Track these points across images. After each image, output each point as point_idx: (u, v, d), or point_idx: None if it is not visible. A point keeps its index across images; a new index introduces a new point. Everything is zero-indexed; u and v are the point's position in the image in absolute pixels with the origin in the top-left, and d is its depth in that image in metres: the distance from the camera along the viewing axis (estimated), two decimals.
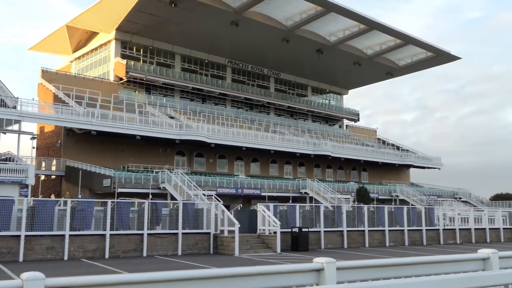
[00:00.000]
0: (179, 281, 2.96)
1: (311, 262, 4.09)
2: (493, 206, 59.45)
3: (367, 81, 77.21)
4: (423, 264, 4.48)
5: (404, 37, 60.21)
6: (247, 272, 3.48)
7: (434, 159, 73.91)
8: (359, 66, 66.28)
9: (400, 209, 28.10)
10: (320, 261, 4.01)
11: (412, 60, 68.78)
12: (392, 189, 60.77)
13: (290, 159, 60.22)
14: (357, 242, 25.53)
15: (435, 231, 28.76)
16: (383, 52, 65.05)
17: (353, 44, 62.36)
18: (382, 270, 4.34)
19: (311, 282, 4.02)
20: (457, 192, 67.74)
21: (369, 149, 66.53)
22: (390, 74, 72.32)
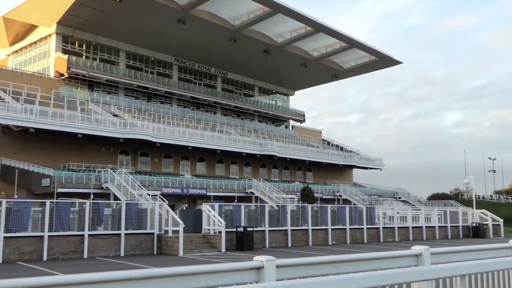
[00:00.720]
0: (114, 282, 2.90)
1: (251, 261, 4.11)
2: (430, 205, 61.93)
3: (313, 82, 78.52)
4: (360, 261, 4.60)
5: (349, 40, 61.71)
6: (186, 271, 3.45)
7: (376, 160, 76.16)
8: (305, 68, 67.32)
9: (342, 209, 28.79)
10: (260, 259, 4.04)
11: (357, 63, 70.56)
12: (336, 189, 62.11)
13: (236, 159, 60.32)
14: (301, 241, 25.92)
15: (375, 230, 29.66)
16: (328, 54, 66.38)
17: (300, 45, 63.26)
18: (321, 267, 4.42)
19: (251, 280, 4.04)
20: (397, 192, 70.08)
21: (314, 149, 67.70)
22: (335, 77, 73.89)
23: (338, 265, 4.51)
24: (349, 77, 76.82)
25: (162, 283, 3.29)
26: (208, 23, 54.28)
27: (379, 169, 76.65)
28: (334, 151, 72.03)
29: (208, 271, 3.67)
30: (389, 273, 4.21)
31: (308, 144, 71.01)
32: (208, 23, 54.26)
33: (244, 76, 71.19)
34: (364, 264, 4.69)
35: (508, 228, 41.44)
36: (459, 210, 37.23)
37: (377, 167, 76.16)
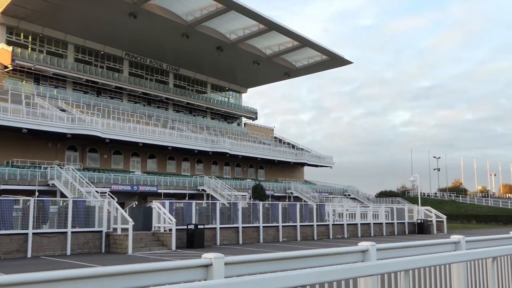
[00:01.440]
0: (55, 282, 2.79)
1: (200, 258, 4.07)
2: (378, 202, 63.71)
3: (265, 80, 78.92)
4: (308, 257, 4.64)
5: (301, 39, 62.35)
6: (131, 270, 3.36)
7: (326, 158, 77.47)
8: (258, 66, 67.55)
9: (293, 206, 29.09)
10: (208, 256, 4.00)
11: (309, 62, 71.42)
12: (287, 186, 62.76)
13: (188, 156, 59.83)
14: (252, 238, 26.01)
15: (325, 226, 30.17)
16: (281, 53, 66.86)
17: (253, 43, 63.40)
18: (270, 264, 4.43)
19: (199, 277, 3.99)
20: (346, 189, 71.61)
21: (266, 147, 68.10)
22: (288, 75, 74.55)
23: (287, 262, 4.54)
24: (301, 75, 77.68)
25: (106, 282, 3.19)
26: (160, 18, 53.46)
27: (329, 167, 78.05)
28: (286, 149, 72.74)
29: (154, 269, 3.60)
30: (336, 269, 4.26)
31: (260, 141, 71.37)
32: (160, 18, 53.44)
33: (196, 73, 70.68)
34: (312, 260, 4.73)
35: (450, 224, 43.18)
36: (405, 207, 38.42)
37: (328, 164, 77.50)
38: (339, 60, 69.71)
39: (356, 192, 71.69)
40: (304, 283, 4.05)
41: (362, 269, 4.50)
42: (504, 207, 76.45)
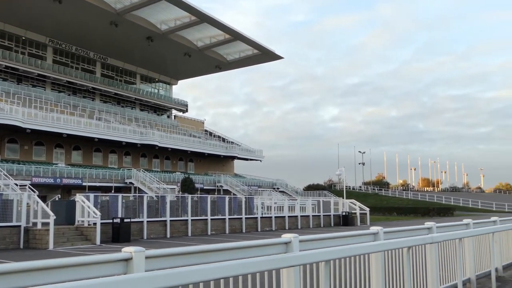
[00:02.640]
0: None
1: (119, 252, 3.96)
2: (306, 195, 65.23)
3: (196, 73, 78.23)
4: (231, 250, 4.65)
5: (232, 32, 62.31)
6: (44, 265, 3.21)
7: (256, 152, 78.21)
8: (189, 57, 66.79)
9: (222, 199, 29.14)
10: (128, 250, 3.90)
11: (240, 56, 71.56)
12: (217, 179, 62.77)
13: (115, 148, 58.20)
14: (180, 231, 25.78)
15: (253, 219, 30.48)
16: (213, 45, 66.49)
17: (184, 35, 62.56)
18: (192, 257, 4.39)
19: (119, 272, 3.89)
20: (275, 182, 72.71)
21: (196, 140, 67.65)
22: (219, 68, 74.32)
23: (210, 255, 4.52)
24: (232, 69, 77.74)
25: (16, 279, 3.03)
26: (87, 4, 51.34)
27: (259, 161, 78.88)
28: (216, 142, 72.64)
29: (70, 264, 3.46)
30: (259, 260, 4.30)
31: (191, 134, 70.79)
32: (86, 4, 51.31)
33: (125, 63, 68.77)
34: (235, 252, 4.75)
35: (373, 217, 45.02)
36: (331, 200, 39.60)
37: (258, 158, 78.28)
38: (270, 54, 70.42)
39: (285, 186, 72.97)
40: (226, 275, 4.06)
41: (283, 260, 4.58)
42: (422, 199, 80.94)
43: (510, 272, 10.92)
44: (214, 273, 3.90)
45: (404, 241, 6.57)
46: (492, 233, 9.82)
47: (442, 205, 68.41)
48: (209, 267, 3.93)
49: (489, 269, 9.55)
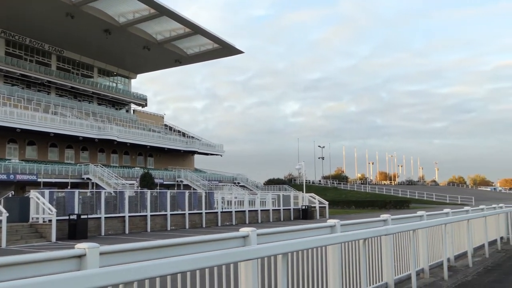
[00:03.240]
0: None
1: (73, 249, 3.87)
2: (266, 190, 65.58)
3: (156, 66, 77.17)
4: (189, 245, 4.62)
5: (192, 26, 61.73)
6: None
7: (217, 146, 77.98)
8: (148, 51, 65.76)
9: (182, 194, 28.92)
10: (82, 246, 3.82)
11: (200, 50, 70.99)
12: (177, 174, 62.26)
13: (72, 143, 56.80)
14: (139, 227, 25.45)
15: (214, 214, 30.41)
16: (172, 39, 65.69)
17: (143, 28, 61.52)
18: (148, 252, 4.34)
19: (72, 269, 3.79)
20: (236, 177, 72.75)
21: (156, 135, 66.85)
22: (179, 62, 73.55)
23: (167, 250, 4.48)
24: (192, 63, 77.10)
25: None
26: None
27: (220, 155, 78.68)
28: (176, 137, 71.97)
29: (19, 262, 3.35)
30: (215, 254, 4.29)
31: (150, 129, 69.87)
32: None
33: (82, 55, 67.06)
34: (192, 247, 4.72)
35: (332, 210, 45.74)
36: (291, 194, 39.95)
37: (218, 153, 78.07)
38: (231, 49, 70.20)
39: (246, 180, 73.11)
40: (182, 270, 4.03)
41: (241, 253, 4.59)
42: (379, 193, 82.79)
43: (461, 262, 11.32)
44: (170, 268, 3.86)
45: (360, 233, 6.71)
46: (444, 225, 10.15)
47: (398, 198, 70.16)
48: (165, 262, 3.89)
49: (441, 259, 9.86)
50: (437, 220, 9.84)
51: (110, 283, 3.32)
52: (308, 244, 5.58)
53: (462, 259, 11.50)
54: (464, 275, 9.87)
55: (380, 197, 71.81)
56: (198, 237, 4.84)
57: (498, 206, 15.58)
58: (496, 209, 15.09)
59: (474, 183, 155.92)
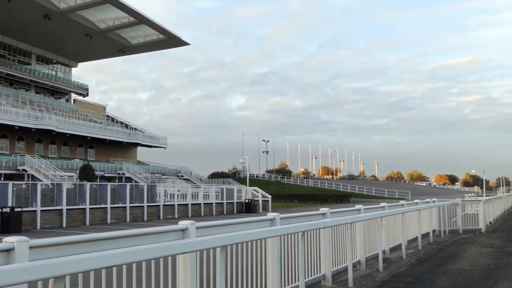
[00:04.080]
0: None
1: None
2: (210, 183, 65.40)
3: (98, 55, 74.93)
4: (125, 238, 4.53)
5: (137, 15, 60.33)
6: None
7: (161, 139, 76.86)
8: (90, 39, 63.70)
9: (123, 187, 28.33)
10: (10, 240, 3.66)
11: (145, 40, 69.54)
12: (119, 166, 60.92)
13: (7, 133, 54.23)
14: (77, 220, 24.71)
15: (156, 207, 30.01)
16: (116, 28, 63.96)
17: (85, 15, 59.51)
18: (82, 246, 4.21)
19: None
20: (180, 170, 72.06)
21: (97, 125, 65.02)
22: (122, 51, 71.75)
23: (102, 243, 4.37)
24: (137, 53, 75.49)
25: None
26: None
27: (163, 148, 77.64)
28: (119, 128, 70.33)
29: None
30: (152, 247, 4.23)
31: (91, 119, 67.87)
32: None
33: (19, 41, 64.06)
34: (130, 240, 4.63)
35: (275, 203, 46.23)
36: (235, 187, 40.05)
37: (162, 145, 77.01)
38: (176, 40, 69.25)
39: (189, 173, 72.59)
40: (117, 263, 3.94)
41: (179, 246, 4.54)
42: (322, 187, 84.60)
43: (396, 254, 11.75)
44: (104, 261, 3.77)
45: (299, 226, 6.81)
46: (380, 218, 10.49)
47: (339, 192, 71.96)
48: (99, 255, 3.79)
49: (377, 252, 10.20)
50: (373, 214, 10.15)
51: (38, 277, 3.20)
52: (247, 237, 5.61)
53: (397, 251, 11.94)
54: (398, 267, 10.25)
55: (322, 191, 73.34)
56: (135, 230, 4.75)
57: (432, 201, 16.28)
58: (430, 203, 15.76)
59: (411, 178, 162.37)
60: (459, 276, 9.25)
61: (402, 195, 70.87)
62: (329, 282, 8.15)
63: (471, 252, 12.92)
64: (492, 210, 23.37)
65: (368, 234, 10.42)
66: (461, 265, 10.64)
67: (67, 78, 73.28)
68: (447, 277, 9.11)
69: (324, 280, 8.17)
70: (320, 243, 8.17)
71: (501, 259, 11.50)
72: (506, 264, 10.68)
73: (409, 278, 9.01)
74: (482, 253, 12.71)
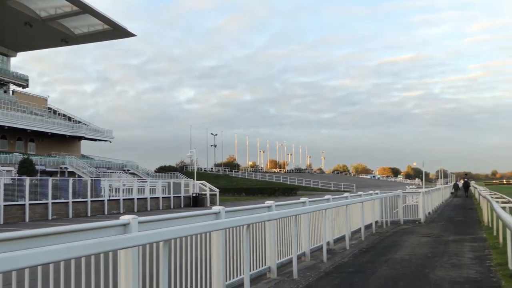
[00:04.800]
0: None
1: None
2: (157, 177, 64.49)
3: (39, 45, 71.97)
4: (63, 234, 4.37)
5: (80, 4, 58.22)
6: None
7: (106, 132, 74.96)
8: (30, 28, 60.99)
9: (65, 181, 27.46)
10: None
11: (89, 30, 67.32)
12: (62, 161, 58.99)
13: None
14: (16, 216, 23.73)
15: (100, 202, 29.29)
16: (58, 17, 61.55)
17: (25, 2, 56.92)
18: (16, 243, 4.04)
19: None
20: (126, 164, 70.61)
21: (38, 118, 62.59)
22: (65, 41, 69.20)
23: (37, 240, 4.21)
24: (81, 43, 73.10)
25: None
26: None
27: (109, 141, 75.79)
28: (61, 121, 68.01)
29: None
30: (90, 243, 4.11)
31: (31, 112, 65.21)
32: None
33: None
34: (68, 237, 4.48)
35: (223, 197, 46.21)
36: (182, 181, 39.71)
37: (107, 139, 75.15)
38: (122, 31, 67.53)
39: (136, 167, 71.28)
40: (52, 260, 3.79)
41: (118, 241, 4.43)
42: (269, 180, 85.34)
43: (340, 245, 12.03)
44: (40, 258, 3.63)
45: (244, 219, 6.81)
46: (325, 210, 10.69)
47: (287, 185, 72.84)
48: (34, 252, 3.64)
49: (322, 243, 10.38)
50: (318, 206, 10.32)
51: None
52: (191, 231, 5.56)
53: (341, 242, 12.22)
54: (341, 257, 10.49)
55: (269, 185, 73.99)
56: (73, 226, 4.60)
57: (374, 193, 16.77)
58: (373, 195, 16.22)
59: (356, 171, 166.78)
60: (399, 265, 9.58)
61: (347, 187, 72.59)
62: (274, 274, 8.23)
63: (411, 242, 13.41)
64: (431, 201, 24.39)
65: (313, 226, 10.60)
66: (401, 254, 11.03)
67: (5, 68, 69.97)
68: (387, 267, 9.41)
69: (269, 272, 8.24)
70: (266, 236, 8.23)
71: (438, 248, 12.00)
72: (442, 253, 11.16)
73: (352, 268, 9.23)
74: (421, 242, 13.22)
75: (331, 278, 8.29)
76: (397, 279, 8.23)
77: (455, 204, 35.85)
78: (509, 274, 8.18)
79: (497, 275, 8.36)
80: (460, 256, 10.60)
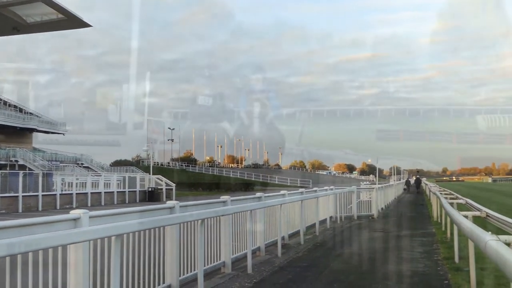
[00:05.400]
0: None
1: None
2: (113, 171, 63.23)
3: None
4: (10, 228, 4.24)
5: None
6: None
7: (59, 124, 72.78)
8: None
9: (15, 175, 26.56)
10: None
11: (43, 19, 64.99)
12: (11, 153, 57.00)
13: None
14: None
15: (52, 196, 28.49)
16: (8, 4, 58.85)
17: None
18: None
19: None
20: (80, 158, 68.89)
21: None
22: (17, 30, 66.44)
23: None
24: (33, 32, 70.25)
25: None
26: None
27: (62, 134, 73.70)
28: (11, 112, 65.56)
29: None
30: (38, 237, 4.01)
31: None
32: None
33: None
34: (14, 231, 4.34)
35: (179, 192, 45.77)
36: (138, 176, 39.13)
37: (60, 131, 73.02)
38: (77, 21, 65.36)
39: (90, 161, 69.64)
40: None
41: (68, 236, 4.34)
42: (226, 175, 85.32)
43: (295, 240, 12.16)
44: None
45: (198, 214, 6.80)
46: (280, 205, 10.78)
47: (244, 181, 73.01)
48: None
49: (277, 238, 10.47)
50: (274, 201, 10.41)
51: None
52: (144, 225, 5.51)
53: (296, 237, 12.35)
54: (296, 252, 10.62)
55: (227, 180, 73.99)
56: (21, 221, 4.47)
57: (329, 188, 17.03)
58: (327, 191, 16.48)
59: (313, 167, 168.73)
60: (351, 259, 9.79)
61: (303, 183, 73.50)
62: (229, 268, 8.25)
63: (364, 236, 13.72)
64: (384, 197, 25.00)
65: (269, 221, 10.67)
66: (354, 249, 11.28)
67: None
68: (339, 261, 9.60)
69: (224, 267, 8.25)
70: (221, 231, 8.23)
71: (389, 243, 12.35)
72: (393, 247, 11.49)
73: (305, 263, 9.36)
74: (373, 237, 13.55)
75: (285, 273, 8.38)
76: (349, 273, 8.41)
77: (407, 200, 36.90)
78: (455, 268, 8.50)
79: (444, 268, 8.67)
80: (410, 251, 10.93)
